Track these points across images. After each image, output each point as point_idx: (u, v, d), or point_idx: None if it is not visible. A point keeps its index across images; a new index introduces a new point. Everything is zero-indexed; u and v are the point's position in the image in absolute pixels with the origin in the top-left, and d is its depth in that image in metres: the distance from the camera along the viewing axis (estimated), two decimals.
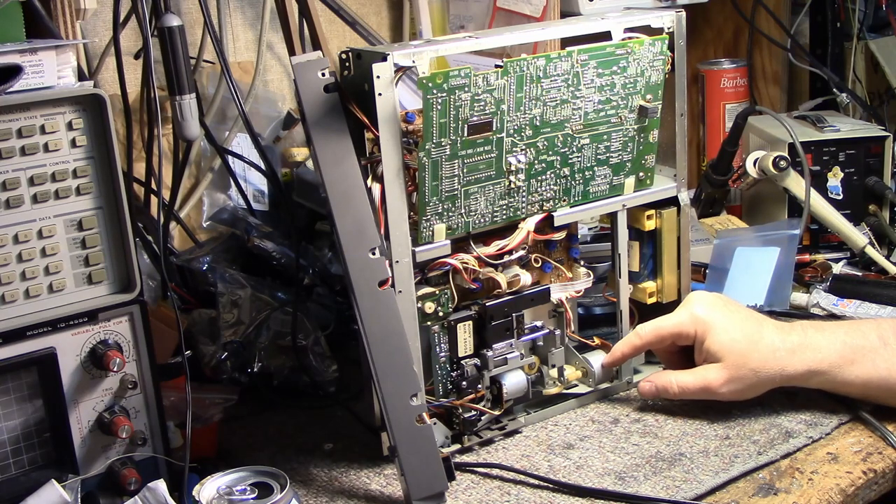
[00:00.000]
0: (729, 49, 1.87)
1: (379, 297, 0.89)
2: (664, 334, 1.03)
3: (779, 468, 0.93)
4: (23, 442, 0.84)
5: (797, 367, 0.98)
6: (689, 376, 1.01)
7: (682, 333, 1.02)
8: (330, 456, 1.00)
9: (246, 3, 1.44)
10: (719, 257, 1.32)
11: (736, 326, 1.00)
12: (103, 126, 0.83)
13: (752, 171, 1.40)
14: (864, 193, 1.41)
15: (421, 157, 0.91)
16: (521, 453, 0.98)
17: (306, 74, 0.90)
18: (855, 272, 1.34)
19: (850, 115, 1.63)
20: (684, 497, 0.89)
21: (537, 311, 1.04)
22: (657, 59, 1.03)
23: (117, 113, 1.20)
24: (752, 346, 0.98)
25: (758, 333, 0.99)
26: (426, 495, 0.88)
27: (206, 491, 0.79)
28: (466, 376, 0.99)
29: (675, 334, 1.02)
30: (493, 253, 0.98)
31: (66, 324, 0.84)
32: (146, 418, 0.89)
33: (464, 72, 0.90)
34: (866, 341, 0.98)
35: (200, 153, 1.40)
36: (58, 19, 0.93)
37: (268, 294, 1.15)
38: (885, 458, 0.94)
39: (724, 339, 0.99)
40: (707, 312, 1.01)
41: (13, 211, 0.81)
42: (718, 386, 0.99)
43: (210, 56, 1.36)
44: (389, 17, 1.59)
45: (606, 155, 1.04)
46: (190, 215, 1.38)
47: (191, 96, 1.07)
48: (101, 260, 0.86)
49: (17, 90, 0.80)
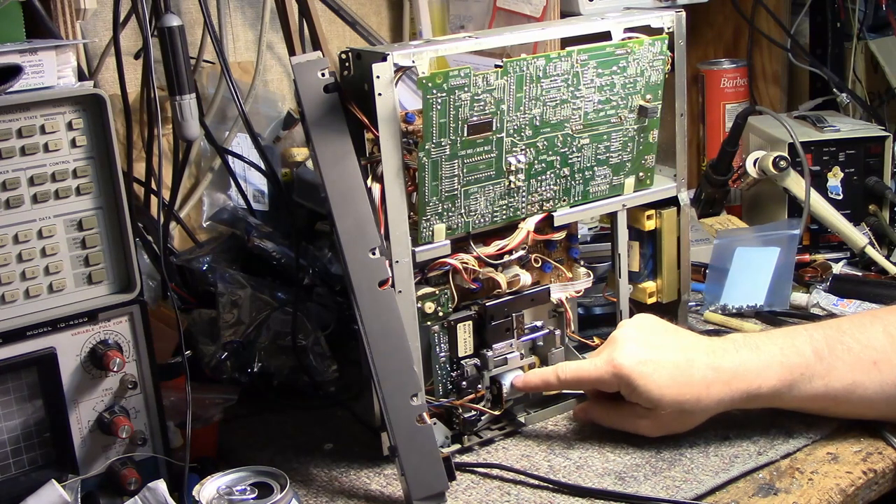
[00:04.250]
0: (729, 49, 1.87)
1: (379, 297, 0.89)
2: (584, 381, 0.98)
3: (779, 468, 0.93)
4: (23, 442, 0.84)
5: (733, 396, 0.94)
6: (620, 420, 0.98)
7: (603, 384, 0.97)
8: (330, 456, 1.00)
9: (246, 3, 1.44)
10: (719, 257, 1.32)
11: (664, 369, 0.94)
12: (103, 126, 0.83)
13: (752, 171, 1.40)
14: (864, 193, 1.41)
15: (421, 157, 0.91)
16: (521, 453, 0.98)
17: (306, 74, 0.90)
18: (855, 272, 1.34)
19: (850, 115, 1.63)
20: (684, 497, 0.89)
21: (537, 311, 1.04)
22: (657, 59, 1.03)
23: (117, 113, 1.20)
24: (685, 386, 0.93)
25: (689, 370, 0.94)
26: (426, 495, 0.88)
27: (206, 491, 0.79)
28: (466, 376, 0.99)
29: (595, 383, 0.97)
30: (493, 253, 0.98)
31: (66, 324, 0.84)
32: (146, 418, 0.89)
33: (464, 72, 0.90)
34: (802, 358, 0.94)
35: (200, 153, 1.40)
36: (58, 19, 0.93)
37: (268, 294, 1.15)
38: (885, 458, 0.94)
39: (652, 390, 0.93)
40: (631, 362, 0.94)
41: (13, 211, 0.81)
42: (653, 433, 0.97)
43: (210, 56, 1.36)
44: (389, 17, 1.59)
45: (606, 155, 1.04)
46: (190, 215, 1.38)
47: (191, 96, 1.07)
48: (101, 260, 0.86)
49: (17, 90, 0.80)
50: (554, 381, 0.99)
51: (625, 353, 0.95)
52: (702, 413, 0.96)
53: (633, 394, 0.94)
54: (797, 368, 0.94)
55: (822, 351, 0.95)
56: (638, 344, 0.96)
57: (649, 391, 0.93)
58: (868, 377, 0.94)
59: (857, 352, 0.94)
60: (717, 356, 0.95)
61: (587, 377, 0.97)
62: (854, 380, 0.94)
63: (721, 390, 0.94)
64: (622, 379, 0.94)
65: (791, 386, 0.94)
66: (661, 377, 0.93)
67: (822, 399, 0.95)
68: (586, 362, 0.98)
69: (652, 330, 0.99)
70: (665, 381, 0.93)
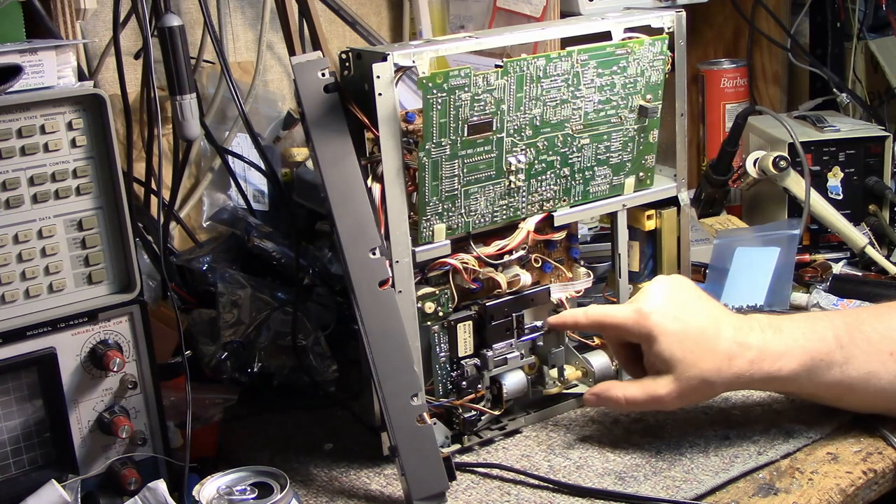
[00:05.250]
0: (729, 49, 1.87)
1: (379, 297, 0.89)
2: (607, 324, 0.97)
3: (779, 468, 0.93)
4: (23, 442, 0.84)
5: (753, 375, 0.93)
6: (636, 389, 0.95)
7: (626, 331, 0.95)
8: (330, 456, 1.00)
9: (246, 3, 1.44)
10: (719, 257, 1.32)
11: (690, 331, 0.92)
12: (103, 126, 0.83)
13: (752, 171, 1.40)
14: (864, 193, 1.41)
15: (421, 157, 0.91)
16: (521, 453, 0.98)
17: (306, 74, 0.90)
18: (855, 272, 1.34)
19: (850, 115, 1.63)
20: (684, 497, 0.89)
21: (537, 311, 1.04)
22: (657, 59, 1.03)
23: (117, 113, 1.20)
24: (707, 353, 0.92)
25: (714, 338, 0.92)
26: (427, 495, 0.88)
27: (206, 491, 0.79)
28: (466, 376, 0.99)
29: (618, 328, 0.96)
30: (493, 253, 0.98)
31: (66, 324, 0.84)
32: (146, 418, 0.89)
33: (464, 72, 0.90)
34: (823, 344, 0.94)
35: (200, 153, 1.40)
36: (58, 19, 0.93)
37: (268, 294, 1.15)
38: (885, 458, 0.94)
39: (674, 349, 0.92)
40: (658, 314, 0.93)
41: (13, 211, 0.81)
42: (669, 401, 0.93)
43: (210, 56, 1.36)
44: (389, 17, 1.59)
45: (606, 155, 1.04)
46: (190, 215, 1.38)
47: (191, 96, 1.07)
48: (101, 260, 0.86)
49: (17, 90, 0.80)
50: (582, 318, 0.99)
51: (655, 306, 0.94)
52: (721, 387, 0.94)
53: (654, 349, 0.93)
54: (818, 354, 0.93)
55: (842, 338, 0.94)
56: (670, 301, 0.95)
57: (671, 348, 0.92)
58: (885, 368, 0.94)
59: (875, 342, 0.94)
60: (744, 332, 0.94)
61: (613, 321, 0.96)
62: (871, 369, 0.94)
63: (742, 366, 0.92)
64: (647, 330, 0.93)
65: (810, 371, 0.93)
66: (687, 339, 0.92)
67: (837, 387, 0.95)
68: (615, 307, 0.98)
69: (686, 291, 0.97)
70: (688, 343, 0.92)
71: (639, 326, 0.94)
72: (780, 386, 0.97)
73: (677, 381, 0.92)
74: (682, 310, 0.94)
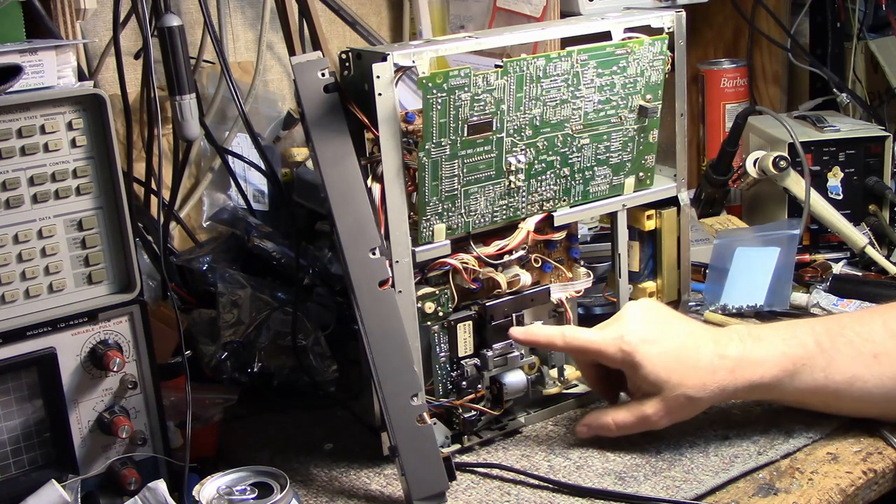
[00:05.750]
0: (729, 49, 1.87)
1: (379, 297, 0.89)
2: (589, 351, 0.97)
3: (779, 468, 0.93)
4: (23, 442, 0.84)
5: (737, 385, 0.93)
6: (625, 414, 0.96)
7: (608, 358, 0.96)
8: (330, 456, 1.00)
9: (246, 3, 1.44)
10: (719, 257, 1.32)
11: (671, 351, 0.94)
12: (103, 126, 0.83)
13: (752, 171, 1.40)
14: (864, 193, 1.41)
15: (421, 157, 0.91)
16: (521, 453, 0.98)
17: (306, 74, 0.90)
18: (855, 272, 1.34)
19: (850, 115, 1.63)
20: (684, 497, 0.89)
21: (537, 311, 1.04)
22: (657, 59, 1.03)
23: (117, 113, 1.20)
24: (690, 371, 0.93)
25: (695, 355, 0.93)
26: (427, 495, 0.88)
27: (206, 491, 0.79)
28: (466, 376, 0.99)
29: (600, 355, 0.96)
30: (493, 253, 0.98)
31: (66, 324, 0.84)
32: (146, 418, 0.89)
33: (464, 72, 0.90)
34: (804, 349, 0.94)
35: (200, 153, 1.40)
36: (58, 19, 0.93)
37: (268, 294, 1.15)
38: (885, 458, 0.94)
39: (659, 371, 0.93)
40: (639, 340, 0.94)
41: (13, 211, 0.81)
42: (657, 420, 0.95)
43: (210, 56, 1.36)
44: (389, 17, 1.59)
45: (606, 155, 1.04)
46: (190, 215, 1.38)
47: (191, 96, 1.07)
48: (101, 260, 0.86)
49: (17, 90, 0.80)
50: (559, 342, 0.98)
51: (635, 332, 0.94)
52: (708, 401, 0.95)
53: (638, 373, 0.94)
54: (799, 359, 0.94)
55: (823, 343, 0.94)
56: (647, 324, 0.96)
57: (656, 372, 0.93)
58: (868, 371, 0.94)
59: (857, 345, 0.95)
60: (723, 345, 0.95)
61: (593, 347, 0.96)
62: (854, 373, 0.94)
63: (725, 378, 0.93)
64: (628, 356, 0.94)
65: (793, 376, 0.94)
66: (668, 359, 0.93)
67: (822, 392, 0.95)
68: (594, 332, 0.97)
69: (660, 313, 0.99)
70: (671, 364, 0.93)
71: (622, 354, 0.94)
72: (765, 393, 0.97)
73: (664, 401, 0.94)
74: (660, 332, 0.95)
